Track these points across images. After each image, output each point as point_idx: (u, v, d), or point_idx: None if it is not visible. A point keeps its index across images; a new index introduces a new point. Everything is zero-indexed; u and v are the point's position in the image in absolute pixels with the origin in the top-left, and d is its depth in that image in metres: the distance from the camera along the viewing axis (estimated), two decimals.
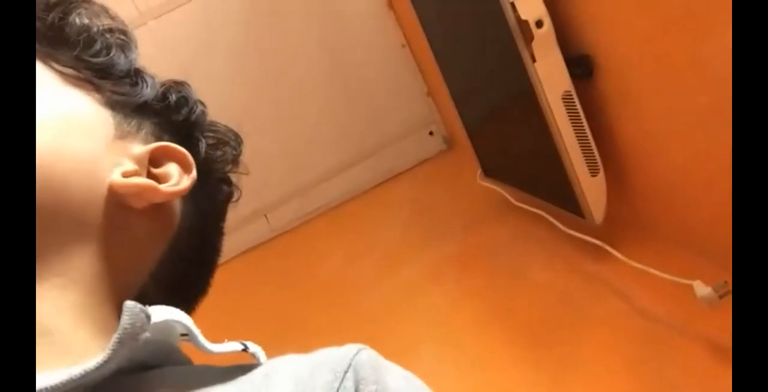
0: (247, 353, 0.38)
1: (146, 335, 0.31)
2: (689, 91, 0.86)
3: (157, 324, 0.32)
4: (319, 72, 1.83)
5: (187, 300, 0.48)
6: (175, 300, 0.45)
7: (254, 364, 0.35)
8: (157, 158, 0.42)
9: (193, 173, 0.42)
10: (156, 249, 0.42)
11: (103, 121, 0.41)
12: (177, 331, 0.36)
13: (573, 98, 1.02)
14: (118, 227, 0.38)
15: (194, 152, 0.45)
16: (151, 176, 0.41)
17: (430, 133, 1.94)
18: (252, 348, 0.38)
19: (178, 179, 0.41)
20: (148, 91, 0.44)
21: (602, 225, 1.09)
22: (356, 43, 1.83)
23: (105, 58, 0.43)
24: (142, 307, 0.31)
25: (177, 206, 0.44)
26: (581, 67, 1.03)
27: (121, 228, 0.38)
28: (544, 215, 1.25)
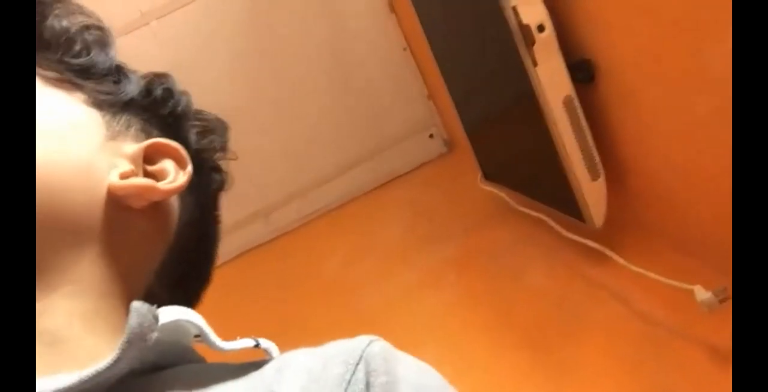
0: (260, 349, 0.37)
1: (155, 335, 0.31)
2: (690, 96, 0.87)
3: (167, 325, 0.32)
4: (320, 74, 1.83)
5: (191, 293, 0.48)
6: (181, 294, 0.45)
7: (267, 360, 0.35)
8: (151, 155, 0.42)
9: (189, 168, 0.42)
10: (159, 247, 0.41)
11: (93, 122, 0.40)
12: (190, 332, 0.36)
13: (574, 103, 1.02)
14: (120, 229, 0.38)
15: (185, 144, 0.45)
16: (146, 174, 0.41)
17: (431, 135, 1.94)
18: (264, 344, 0.38)
19: (175, 176, 0.41)
20: (132, 88, 0.44)
21: (602, 229, 1.10)
22: (357, 45, 1.83)
23: (86, 58, 0.42)
24: (149, 307, 0.31)
25: (174, 201, 0.43)
26: (582, 71, 1.03)
27: (123, 229, 0.38)
28: (545, 218, 1.25)
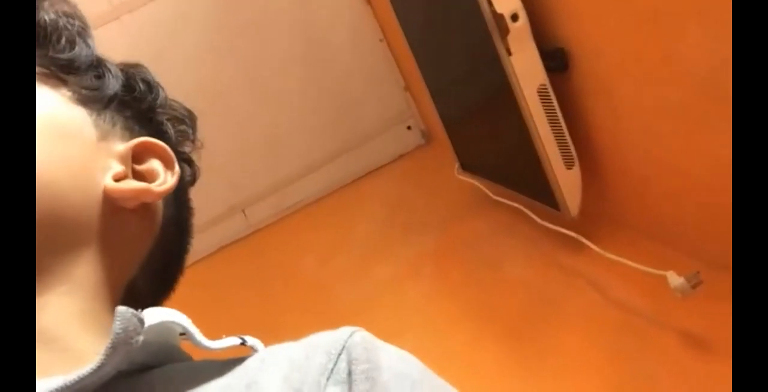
0: (246, 346, 0.38)
1: (140, 338, 0.31)
2: (662, 85, 0.87)
3: (154, 327, 0.32)
4: (295, 65, 1.82)
5: (170, 282, 0.48)
6: (159, 283, 0.46)
7: (252, 355, 0.35)
8: (139, 154, 0.42)
9: (176, 168, 0.42)
10: (147, 243, 0.42)
11: (83, 122, 0.40)
12: (176, 331, 0.36)
13: (548, 91, 1.02)
14: (113, 229, 0.38)
15: (164, 138, 0.45)
16: (135, 173, 0.41)
17: (408, 127, 1.94)
18: (250, 341, 0.38)
19: (165, 177, 0.41)
20: (114, 83, 0.43)
21: (578, 218, 1.10)
22: (333, 36, 1.82)
23: (71, 53, 0.42)
24: (134, 312, 0.31)
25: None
26: (556, 60, 1.03)
27: (117, 229, 0.39)
28: (521, 208, 1.26)
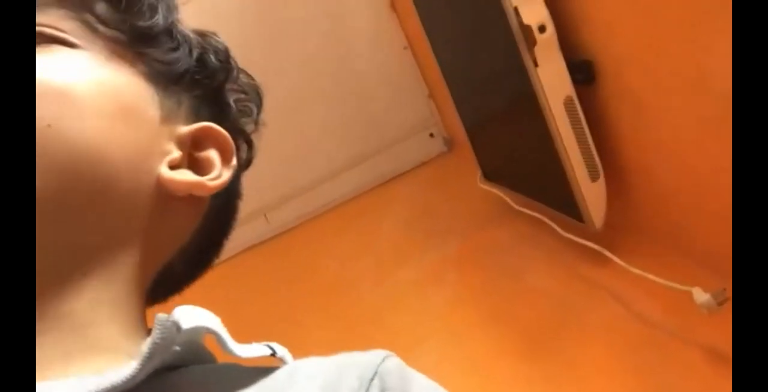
0: (275, 357, 0.37)
1: (177, 348, 0.30)
2: (690, 97, 0.87)
3: (185, 331, 0.32)
4: (320, 72, 1.83)
5: (205, 264, 0.46)
6: (195, 265, 0.44)
7: (278, 366, 0.34)
8: (199, 139, 0.39)
9: (234, 162, 0.40)
10: (189, 231, 0.40)
11: (150, 101, 0.37)
12: (203, 330, 0.35)
13: (574, 104, 1.02)
14: (159, 216, 0.37)
15: (228, 120, 0.42)
16: (191, 159, 0.39)
17: (431, 135, 1.94)
18: (280, 351, 0.37)
19: (220, 170, 0.39)
20: (189, 57, 0.40)
21: (602, 230, 1.10)
22: (358, 44, 1.83)
23: (151, 20, 0.38)
24: (173, 320, 0.30)
25: None
26: (583, 72, 1.03)
27: (162, 217, 0.37)
28: (544, 219, 1.25)
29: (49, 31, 0.35)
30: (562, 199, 1.13)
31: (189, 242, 0.41)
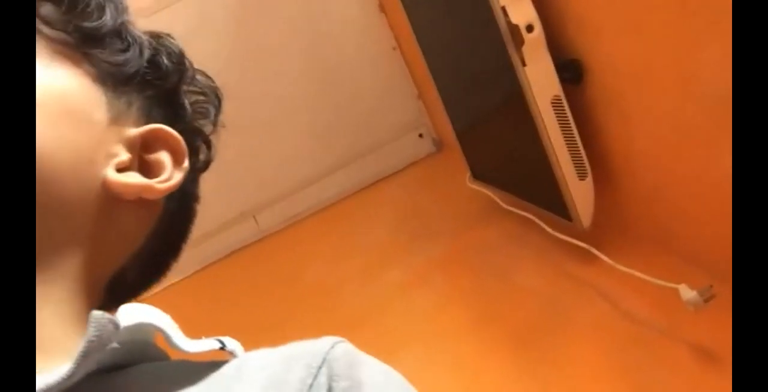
0: (225, 351, 0.36)
1: (114, 345, 0.30)
2: (678, 97, 0.87)
3: (128, 327, 0.31)
4: (309, 73, 1.83)
5: (162, 268, 0.45)
6: (150, 274, 0.43)
7: (227, 360, 0.34)
8: (150, 142, 0.39)
9: (185, 164, 0.39)
10: (141, 236, 0.39)
11: (97, 102, 0.37)
12: (152, 328, 0.34)
13: (562, 103, 1.03)
14: (106, 220, 0.36)
15: (182, 122, 0.42)
16: (141, 162, 0.38)
17: (420, 135, 1.94)
18: (230, 344, 0.36)
19: (171, 173, 0.38)
20: (139, 58, 0.39)
21: (589, 229, 1.10)
22: (347, 45, 1.83)
23: (98, 21, 0.37)
24: (110, 317, 0.30)
25: None
26: (571, 71, 1.03)
27: (110, 221, 0.36)
28: (533, 218, 1.26)
29: None
30: (550, 198, 1.13)
31: (144, 246, 0.40)
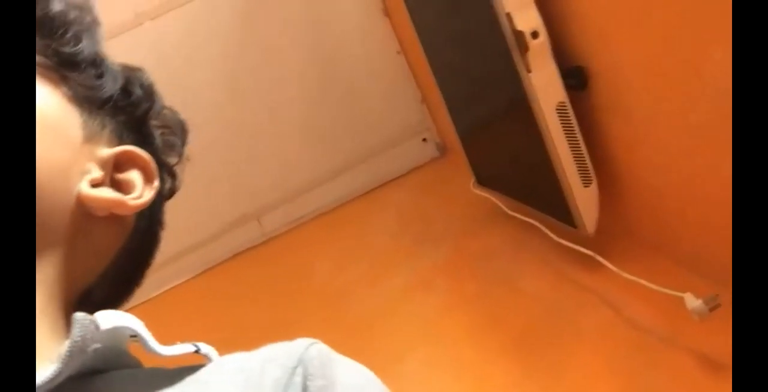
0: (200, 354, 0.37)
1: (97, 346, 0.31)
2: (683, 103, 0.87)
3: (104, 330, 0.32)
4: (313, 77, 1.83)
5: (127, 292, 0.47)
6: (116, 293, 0.45)
7: (204, 364, 0.35)
8: (121, 162, 0.41)
9: (156, 183, 0.41)
10: (111, 252, 0.41)
11: (72, 121, 0.39)
12: (125, 333, 0.35)
13: (567, 109, 1.02)
14: (80, 234, 0.38)
15: (150, 146, 0.44)
16: (113, 181, 0.40)
17: (424, 140, 1.94)
18: (204, 348, 0.37)
19: (142, 191, 0.40)
20: (113, 85, 0.42)
21: (594, 236, 1.10)
22: (351, 49, 1.83)
23: (75, 47, 0.40)
24: (92, 318, 0.31)
25: None
26: (576, 78, 1.03)
27: (83, 235, 0.38)
28: (537, 224, 1.26)
29: None
30: (554, 204, 1.13)
31: (112, 265, 0.42)
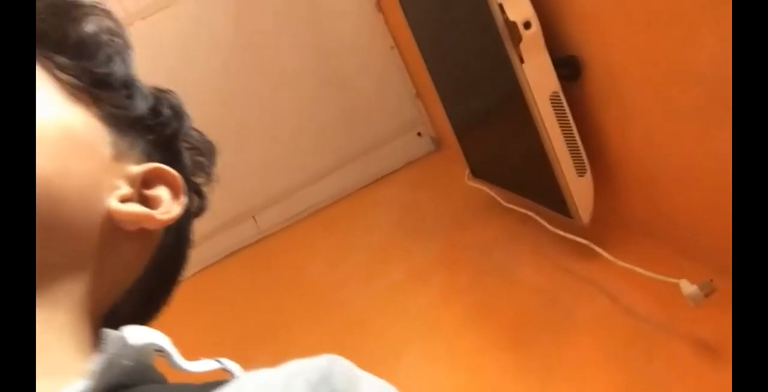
0: (224, 370, 0.37)
1: (128, 363, 0.31)
2: (676, 92, 0.87)
3: (135, 347, 0.32)
4: (307, 73, 1.83)
5: (154, 309, 0.47)
6: (143, 309, 0.45)
7: (228, 380, 0.34)
8: (150, 179, 0.42)
9: (183, 199, 0.42)
10: (138, 268, 0.42)
11: (102, 140, 0.40)
12: (151, 348, 0.36)
13: (560, 99, 1.03)
14: (108, 249, 0.38)
15: (179, 165, 0.45)
16: (142, 197, 0.41)
17: (419, 134, 1.94)
18: (228, 365, 0.38)
19: (170, 206, 0.41)
20: (143, 105, 0.43)
21: (589, 225, 1.10)
22: (345, 44, 1.83)
23: (106, 68, 0.42)
24: (122, 335, 0.32)
25: None
26: (569, 68, 1.03)
27: (112, 250, 0.39)
28: (532, 215, 1.26)
29: None
30: (549, 194, 1.13)
31: (139, 281, 0.42)
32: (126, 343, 0.31)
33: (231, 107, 1.77)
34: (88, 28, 0.41)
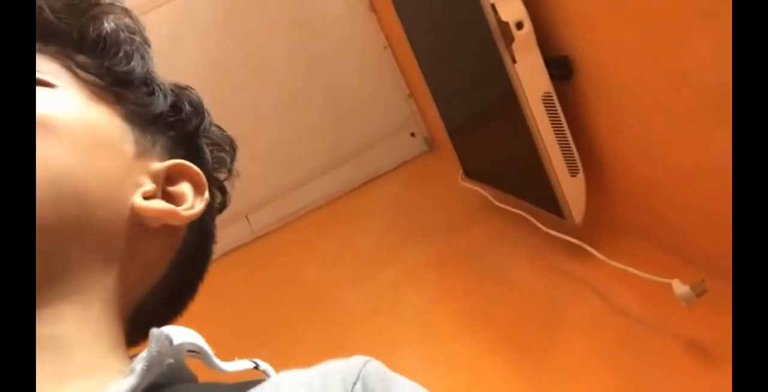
0: (258, 370, 0.38)
1: (171, 361, 0.32)
2: (668, 92, 0.88)
3: (175, 346, 0.33)
4: (300, 73, 1.83)
5: (179, 306, 0.48)
6: (167, 307, 0.46)
7: (262, 379, 0.35)
8: (173, 175, 0.42)
9: (206, 195, 0.42)
10: (163, 264, 0.42)
11: (125, 137, 0.40)
12: (184, 348, 0.36)
13: (553, 99, 1.03)
14: (134, 246, 0.39)
15: (201, 162, 0.45)
16: (165, 194, 0.41)
17: (412, 134, 1.94)
18: (262, 365, 0.38)
19: (193, 201, 0.41)
20: (163, 102, 0.44)
21: (582, 225, 1.10)
22: (338, 44, 1.83)
23: (126, 66, 0.42)
24: (167, 333, 0.32)
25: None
26: (561, 68, 1.03)
27: (137, 246, 0.39)
28: (525, 215, 1.26)
29: None
30: (542, 195, 1.13)
31: (164, 278, 0.42)
32: (170, 341, 0.32)
33: (223, 107, 1.74)
34: (106, 26, 0.41)
